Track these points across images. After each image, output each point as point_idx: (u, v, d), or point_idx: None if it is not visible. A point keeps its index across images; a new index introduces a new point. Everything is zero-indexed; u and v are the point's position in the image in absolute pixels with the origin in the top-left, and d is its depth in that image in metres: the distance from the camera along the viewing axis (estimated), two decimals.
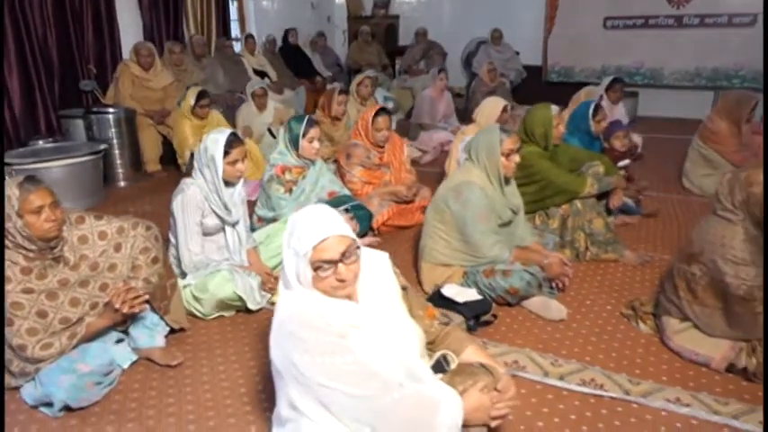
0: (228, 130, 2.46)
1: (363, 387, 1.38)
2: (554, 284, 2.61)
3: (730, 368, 2.09)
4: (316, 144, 2.98)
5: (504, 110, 3.58)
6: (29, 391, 1.93)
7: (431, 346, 1.71)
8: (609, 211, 3.06)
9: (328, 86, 6.12)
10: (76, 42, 4.76)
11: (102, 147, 4.13)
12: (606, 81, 4.97)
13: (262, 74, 6.45)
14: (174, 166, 4.64)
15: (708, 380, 2.06)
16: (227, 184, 2.51)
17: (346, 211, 3.09)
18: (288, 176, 2.96)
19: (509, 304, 2.52)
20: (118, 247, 2.14)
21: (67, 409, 1.89)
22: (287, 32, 7.05)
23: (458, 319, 2.35)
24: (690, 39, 6.59)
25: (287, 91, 6.45)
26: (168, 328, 2.29)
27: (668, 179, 4.49)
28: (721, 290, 2.06)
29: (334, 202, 3.14)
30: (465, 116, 5.90)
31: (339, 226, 1.43)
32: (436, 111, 5.56)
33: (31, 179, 1.97)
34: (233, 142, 2.43)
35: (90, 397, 1.91)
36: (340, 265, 1.40)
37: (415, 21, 8.14)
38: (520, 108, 5.84)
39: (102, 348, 2.03)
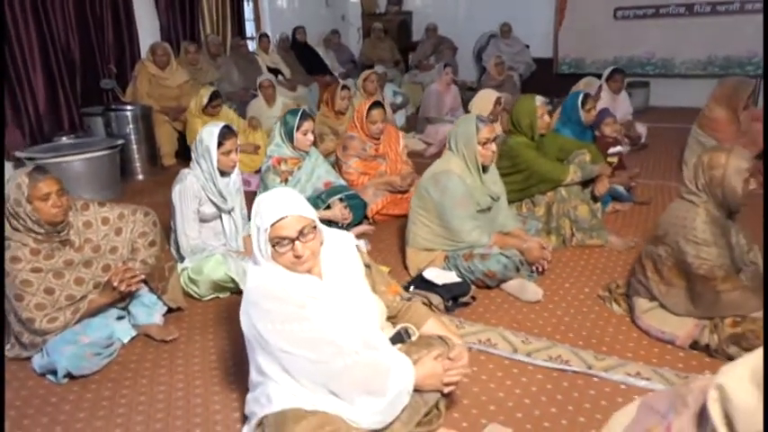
0: (222, 123, 2.63)
1: (319, 352, 1.53)
2: (534, 268, 2.71)
3: (694, 345, 2.17)
4: (310, 136, 3.14)
5: (497, 102, 3.67)
6: (37, 361, 2.13)
7: (393, 319, 1.84)
8: (594, 198, 3.13)
9: (341, 83, 6.27)
10: (97, 44, 5.01)
11: (119, 142, 4.36)
12: (607, 71, 5.00)
13: (276, 71, 6.63)
14: (189, 160, 4.84)
15: (672, 356, 2.14)
16: (223, 173, 2.68)
17: (341, 200, 3.24)
18: (284, 167, 3.13)
19: (488, 287, 2.63)
20: (119, 232, 2.34)
21: (70, 377, 2.08)
22: (295, 30, 7.22)
23: (437, 299, 2.48)
24: (701, 27, 6.53)
25: (300, 87, 6.62)
26: (166, 308, 2.47)
27: (670, 168, 4.51)
28: (684, 270, 2.14)
29: (330, 191, 3.30)
30: None
31: (298, 206, 1.57)
32: (443, 104, 5.65)
33: (40, 169, 2.17)
34: (226, 134, 2.60)
35: (90, 366, 2.10)
36: (297, 242, 1.54)
37: (427, 17, 8.23)
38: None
39: (103, 323, 2.23)
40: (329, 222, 3.16)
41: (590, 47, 7.20)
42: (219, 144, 2.58)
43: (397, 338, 1.78)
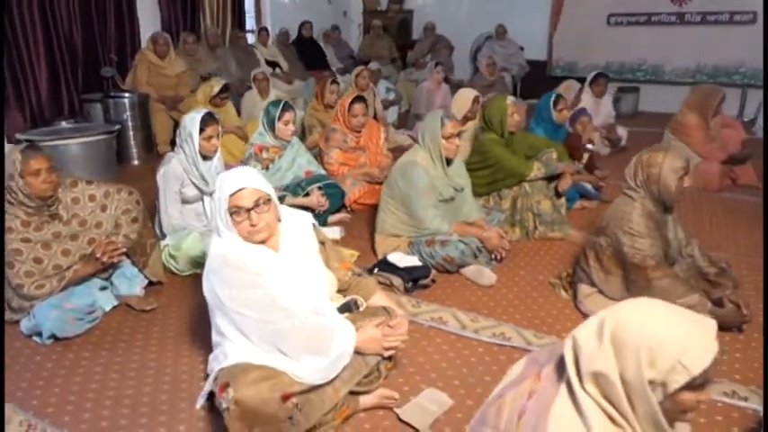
0: (204, 110, 2.82)
1: (269, 315, 1.71)
2: (493, 256, 2.89)
3: None
4: (291, 126, 3.32)
5: (475, 100, 3.84)
6: (24, 324, 2.33)
7: (345, 292, 2.03)
8: (558, 194, 3.30)
9: (339, 78, 6.45)
10: (99, 33, 5.21)
11: (116, 128, 4.55)
12: (591, 75, 5.17)
13: (273, 64, 6.82)
14: None
15: None
16: (205, 158, 2.87)
17: (319, 188, 3.43)
18: (265, 155, 3.31)
19: (448, 271, 2.82)
20: (104, 208, 2.53)
21: (54, 338, 2.28)
22: (302, 25, 7.40)
23: (398, 281, 2.67)
24: (691, 36, 6.67)
25: (297, 81, 6.80)
26: (147, 281, 2.67)
27: None
28: (621, 259, 2.32)
29: (310, 180, 3.48)
30: None
31: (255, 181, 1.76)
32: (433, 102, 5.82)
33: (32, 147, 2.38)
34: (208, 121, 2.79)
35: (72, 329, 2.30)
36: (252, 212, 1.73)
37: (428, 15, 8.40)
38: (524, 102, 6.06)
39: (86, 292, 2.42)
40: (306, 208, 3.35)
41: (583, 51, 7.36)
42: (201, 130, 2.76)
43: (346, 308, 1.97)
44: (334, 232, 3.33)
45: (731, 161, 4.21)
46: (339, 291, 2.03)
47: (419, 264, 2.75)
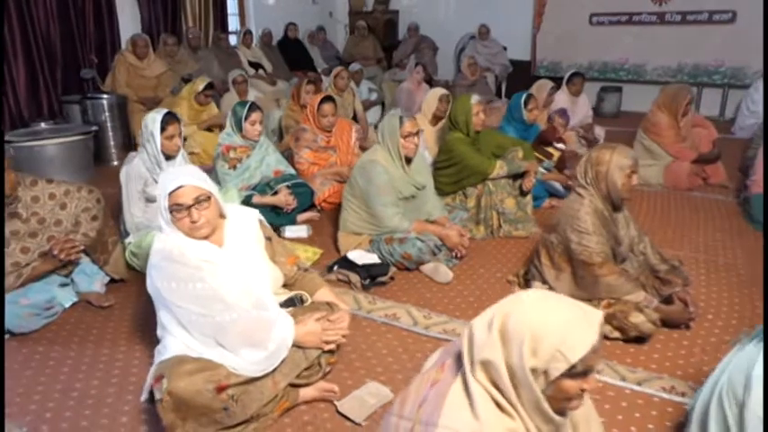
0: (165, 110, 2.85)
1: (208, 308, 1.74)
2: (454, 253, 2.92)
3: None
4: (258, 126, 3.35)
5: (442, 99, 3.87)
6: None
7: (291, 287, 2.06)
8: (522, 193, 3.33)
9: (323, 78, 6.48)
10: (78, 35, 5.24)
11: (92, 129, 4.59)
12: (567, 75, 5.20)
13: (257, 65, 6.86)
14: None
15: None
16: (168, 157, 2.90)
17: (288, 187, 3.46)
18: (232, 154, 3.34)
19: (407, 268, 2.85)
20: (63, 206, 2.56)
21: (11, 334, 2.31)
22: (287, 27, 7.43)
23: (355, 278, 2.71)
24: (672, 35, 6.71)
25: (280, 82, 6.83)
26: (108, 278, 2.70)
27: None
28: (570, 256, 2.35)
29: (279, 179, 3.52)
30: None
31: (195, 179, 1.79)
32: (413, 102, 5.85)
33: None
34: (169, 120, 2.82)
35: (28, 325, 2.33)
36: (192, 209, 1.76)
37: (413, 16, 8.43)
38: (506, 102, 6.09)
39: (44, 288, 2.45)
40: (275, 207, 3.39)
41: (566, 51, 7.39)
42: (162, 129, 2.79)
43: (290, 303, 2.00)
44: (301, 230, 3.36)
45: (702, 160, 4.24)
46: (285, 285, 2.06)
47: (378, 261, 2.78)
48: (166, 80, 5.45)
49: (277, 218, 3.38)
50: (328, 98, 3.73)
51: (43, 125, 4.74)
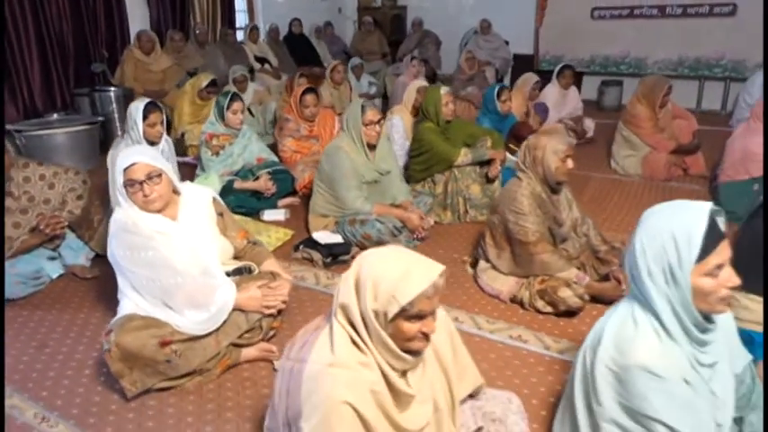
0: (148, 100, 3.08)
1: (157, 273, 1.96)
2: (415, 235, 3.09)
3: (514, 299, 2.53)
4: (239, 116, 3.57)
5: (420, 91, 4.03)
6: None
7: (241, 258, 2.27)
8: (488, 179, 3.46)
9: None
10: (90, 31, 5.55)
11: (98, 119, 4.89)
12: (557, 68, 5.30)
13: (263, 60, 7.10)
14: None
15: (493, 307, 2.52)
16: (152, 143, 3.14)
17: (269, 173, 3.67)
18: (215, 142, 3.57)
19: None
20: (51, 186, 2.82)
21: None
22: (291, 22, 7.66)
23: (317, 256, 2.91)
24: (673, 28, 6.70)
25: (284, 76, 7.05)
26: (94, 253, 2.95)
27: (601, 160, 4.77)
28: (509, 235, 2.50)
29: (261, 166, 3.74)
30: None
31: (147, 157, 2.00)
32: None
33: None
34: (151, 109, 3.05)
35: (16, 292, 2.59)
36: (144, 184, 1.97)
37: (420, 11, 8.56)
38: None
39: (32, 260, 2.72)
40: (255, 192, 3.61)
41: (569, 45, 7.43)
42: (145, 117, 3.03)
43: (238, 272, 2.21)
44: (279, 214, 3.57)
45: (681, 151, 4.31)
46: (237, 257, 2.27)
47: (341, 241, 2.97)
48: (172, 74, 5.73)
49: (258, 202, 3.60)
50: (310, 89, 3.93)
51: (55, 116, 5.08)
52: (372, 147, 3.05)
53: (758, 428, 1.48)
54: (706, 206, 1.28)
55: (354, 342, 1.25)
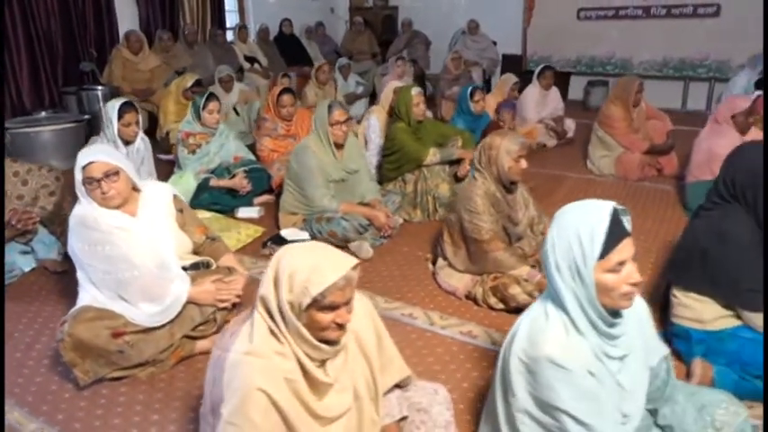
0: (123, 99, 3.16)
1: (113, 266, 2.03)
2: (382, 233, 3.16)
3: (468, 295, 2.59)
4: (215, 115, 3.65)
5: (396, 92, 4.09)
6: None
7: (200, 253, 2.34)
8: (457, 179, 3.53)
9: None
10: (78, 31, 5.64)
11: (84, 118, 4.97)
12: (538, 69, 5.35)
13: (252, 60, 7.17)
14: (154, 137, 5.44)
15: (448, 303, 2.58)
16: (127, 143, 3.21)
17: (245, 172, 3.75)
18: (191, 140, 3.65)
19: (337, 246, 3.09)
20: (25, 183, 2.90)
21: None
22: (281, 23, 7.73)
23: None
24: (657, 29, 6.76)
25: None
26: (65, 248, 3.03)
27: (577, 160, 4.82)
28: (464, 233, 2.56)
29: (238, 164, 3.81)
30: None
31: (105, 156, 2.07)
32: None
33: None
34: (126, 109, 3.13)
35: None
36: (102, 182, 2.04)
37: (410, 11, 8.63)
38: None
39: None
40: (231, 189, 3.68)
41: (556, 45, 7.50)
42: (120, 116, 3.11)
43: (196, 266, 2.28)
44: (252, 211, 3.65)
45: (654, 151, 4.36)
46: (195, 252, 2.34)
47: (307, 238, 3.04)
48: (160, 74, 5.81)
49: (233, 200, 3.68)
50: (287, 90, 4.00)
51: (43, 114, 5.16)
52: (340, 146, 3.12)
53: (671, 420, 1.54)
54: (609, 205, 1.34)
55: (273, 332, 1.32)
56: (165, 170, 4.14)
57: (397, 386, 1.63)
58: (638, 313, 1.49)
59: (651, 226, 3.47)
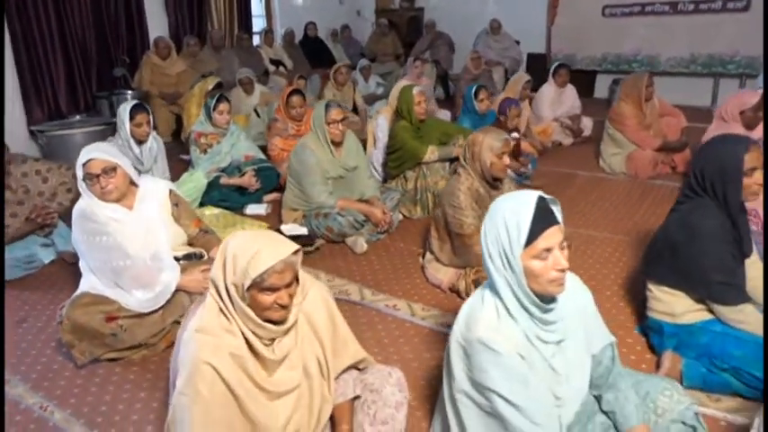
0: (135, 102, 3.36)
1: (109, 255, 2.20)
2: (379, 229, 3.25)
3: (452, 288, 2.66)
4: (225, 116, 3.82)
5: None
6: None
7: (194, 246, 2.49)
8: None
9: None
10: (111, 38, 5.96)
11: (112, 120, 5.19)
12: (553, 66, 5.34)
13: (278, 63, 7.38)
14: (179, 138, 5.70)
15: (433, 296, 2.65)
16: (140, 142, 3.42)
17: (255, 170, 3.91)
18: (203, 140, 3.83)
19: (334, 241, 3.21)
20: (45, 180, 3.13)
21: None
22: (306, 26, 7.92)
23: None
24: (685, 25, 6.59)
25: None
26: None
27: (589, 159, 4.79)
28: (449, 228, 2.63)
29: (249, 162, 3.98)
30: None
31: (102, 153, 2.24)
32: None
33: None
34: (138, 110, 3.33)
35: (11, 274, 2.91)
36: (100, 177, 2.21)
37: (436, 12, 8.68)
38: None
39: (25, 246, 3.03)
40: (241, 187, 3.85)
41: (580, 43, 7.41)
42: (131, 118, 3.31)
43: (188, 257, 2.43)
44: (260, 208, 3.80)
45: (667, 148, 4.30)
46: (190, 244, 2.50)
47: (306, 233, 3.17)
48: (186, 78, 6.05)
49: (242, 197, 3.84)
50: (296, 91, 4.14)
51: (77, 117, 5.49)
52: (338, 144, 3.23)
53: (614, 406, 1.57)
54: (535, 194, 1.39)
55: (222, 311, 1.44)
56: (184, 169, 4.34)
57: (357, 369, 1.72)
58: (579, 300, 1.53)
59: (656, 223, 3.43)
